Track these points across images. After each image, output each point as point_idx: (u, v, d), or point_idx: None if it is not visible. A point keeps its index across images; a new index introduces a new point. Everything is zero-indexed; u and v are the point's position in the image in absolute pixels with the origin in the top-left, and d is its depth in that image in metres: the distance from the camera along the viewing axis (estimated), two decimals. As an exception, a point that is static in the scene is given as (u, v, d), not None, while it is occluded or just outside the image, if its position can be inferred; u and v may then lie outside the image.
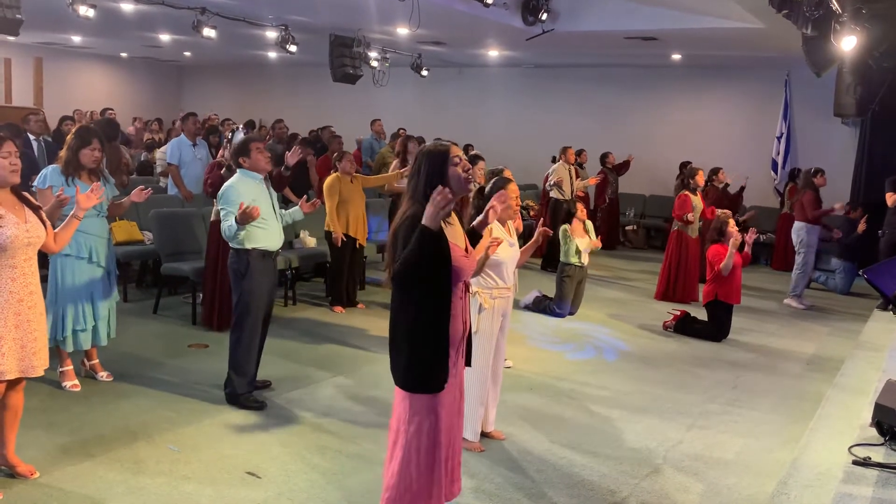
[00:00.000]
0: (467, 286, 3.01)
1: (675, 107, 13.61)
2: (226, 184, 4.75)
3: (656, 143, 13.50)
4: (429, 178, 2.86)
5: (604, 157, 12.30)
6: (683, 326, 7.26)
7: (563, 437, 4.63)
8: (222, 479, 3.82)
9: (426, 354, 2.83)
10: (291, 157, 5.54)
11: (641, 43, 10.42)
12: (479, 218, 3.80)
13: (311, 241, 7.84)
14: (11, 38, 10.68)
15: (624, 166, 12.54)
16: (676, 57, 12.04)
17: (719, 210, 7.51)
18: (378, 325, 6.86)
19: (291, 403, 4.90)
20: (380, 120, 12.80)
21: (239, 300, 4.70)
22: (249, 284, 4.66)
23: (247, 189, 4.65)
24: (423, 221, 2.64)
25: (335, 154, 7.54)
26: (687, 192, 8.60)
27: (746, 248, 7.03)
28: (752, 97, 12.94)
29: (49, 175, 4.71)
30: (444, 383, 2.86)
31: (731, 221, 7.14)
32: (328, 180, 7.24)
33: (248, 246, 4.64)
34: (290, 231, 7.65)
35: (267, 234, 4.71)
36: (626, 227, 13.13)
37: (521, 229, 4.88)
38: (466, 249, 2.99)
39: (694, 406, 5.31)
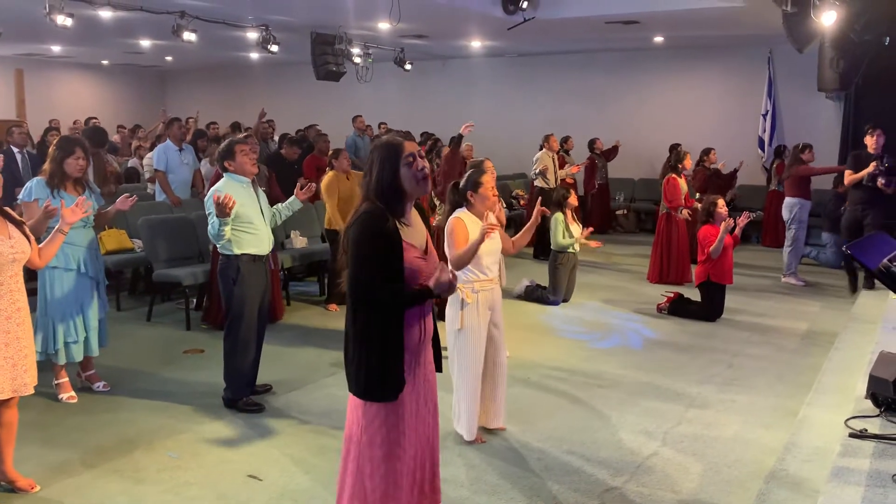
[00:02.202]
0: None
1: (660, 89, 13.61)
2: (212, 188, 4.72)
3: (643, 126, 13.50)
4: (380, 175, 2.65)
5: (592, 143, 12.30)
6: (677, 308, 7.29)
7: (562, 425, 4.64)
8: (224, 484, 3.82)
9: (376, 361, 2.65)
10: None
11: (623, 27, 10.41)
12: (476, 239, 3.79)
13: (301, 242, 7.82)
14: (-10, 51, 10.62)
15: (612, 152, 12.55)
16: (658, 40, 12.04)
17: (711, 196, 7.48)
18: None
19: (290, 405, 4.89)
20: (361, 116, 12.76)
21: (231, 306, 4.69)
22: (240, 290, 4.65)
23: (233, 193, 4.58)
24: (432, 287, 2.60)
25: (331, 152, 7.51)
26: (674, 175, 8.62)
27: (737, 231, 7.05)
28: (735, 76, 12.95)
29: (34, 188, 4.68)
30: (397, 392, 2.67)
31: (721, 202, 7.16)
32: (326, 179, 7.20)
33: (238, 251, 4.62)
34: (282, 232, 7.64)
35: (256, 239, 4.69)
36: (617, 212, 13.15)
37: (503, 221, 4.87)
38: (426, 251, 2.79)
39: (691, 387, 5.33)
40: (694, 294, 7.36)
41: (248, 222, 4.64)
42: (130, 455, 4.12)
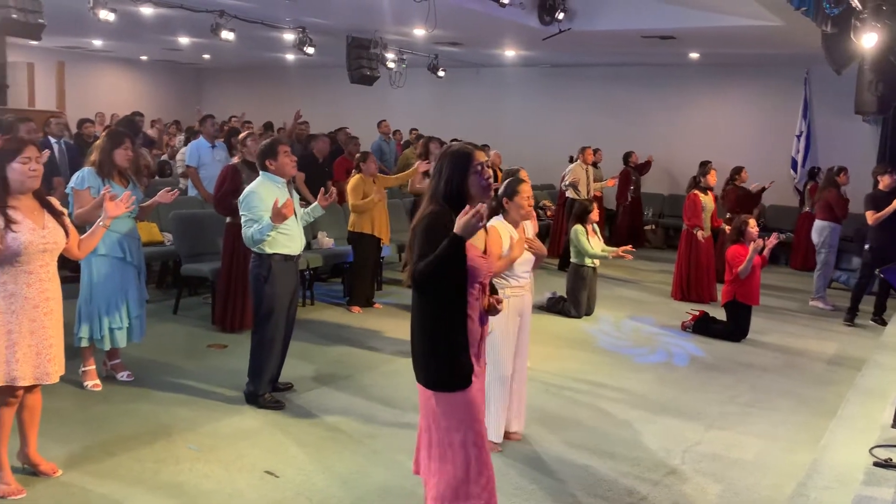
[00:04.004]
0: (484, 287, 2.97)
1: (693, 106, 13.52)
2: (247, 189, 4.72)
3: (674, 142, 13.42)
4: (449, 180, 2.84)
5: (627, 157, 12.29)
6: (702, 327, 7.22)
7: (581, 437, 4.62)
8: (241, 479, 3.85)
9: (445, 353, 2.81)
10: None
11: (658, 42, 10.37)
12: (514, 254, 3.95)
13: (328, 242, 7.88)
14: (34, 43, 10.83)
15: (646, 166, 12.53)
16: (694, 55, 11.96)
17: (743, 216, 7.39)
18: (394, 325, 6.88)
19: (309, 403, 4.92)
20: (386, 121, 12.80)
21: (261, 304, 4.72)
22: (272, 289, 4.68)
23: (269, 193, 4.62)
24: (456, 230, 2.64)
25: (358, 155, 7.56)
26: (697, 192, 8.55)
27: (765, 251, 6.95)
28: (770, 95, 12.82)
29: (86, 176, 4.78)
30: (467, 381, 2.82)
31: (752, 222, 7.08)
32: (352, 181, 7.26)
33: (270, 251, 4.64)
34: (309, 232, 7.68)
35: (289, 239, 4.72)
36: (645, 227, 13.07)
37: (536, 229, 4.89)
38: (485, 251, 2.96)
39: (713, 406, 5.28)
40: (719, 313, 7.28)
41: (283, 223, 4.66)
42: (151, 445, 4.17)
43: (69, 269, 6.09)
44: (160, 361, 5.61)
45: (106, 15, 8.51)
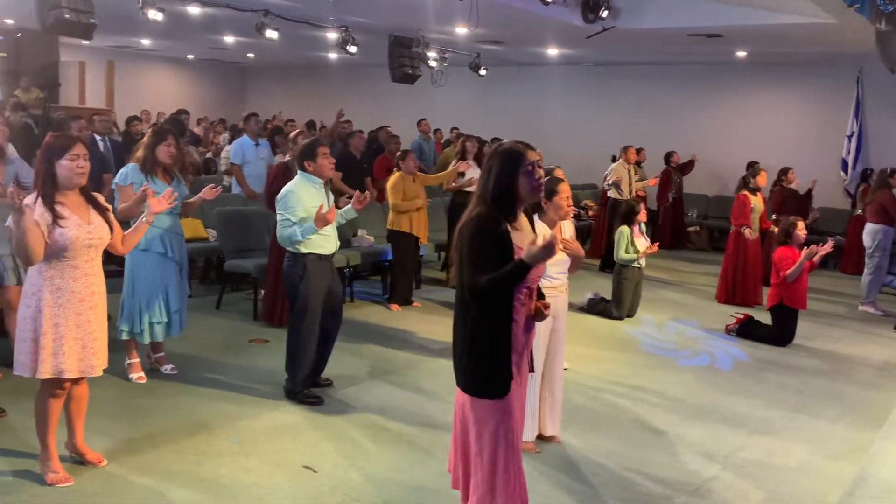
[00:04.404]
0: (531, 292, 2.88)
1: (740, 105, 13.26)
2: (284, 189, 4.76)
3: (720, 142, 13.18)
4: (498, 179, 2.76)
5: (668, 157, 12.09)
6: (746, 330, 7.07)
7: (620, 441, 4.56)
8: (280, 472, 3.89)
9: (487, 360, 2.74)
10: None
11: (705, 40, 10.19)
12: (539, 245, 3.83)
13: (368, 240, 7.92)
14: (86, 42, 11.10)
15: (688, 166, 12.31)
16: (741, 54, 11.73)
17: (790, 217, 7.21)
18: (433, 323, 6.89)
19: (348, 400, 4.96)
20: (426, 120, 12.79)
21: (296, 303, 4.77)
22: (306, 288, 4.72)
23: (307, 194, 4.67)
24: (525, 258, 2.59)
25: (398, 153, 7.59)
26: (746, 193, 8.38)
27: (816, 258, 6.72)
28: (821, 95, 12.50)
29: (130, 172, 4.87)
30: (506, 390, 2.74)
31: (801, 224, 6.92)
32: (392, 179, 7.30)
33: (305, 251, 4.69)
34: (349, 229, 7.74)
35: (325, 239, 4.75)
36: (689, 228, 12.86)
37: (574, 230, 4.84)
38: None
39: (756, 411, 5.17)
40: (765, 317, 7.13)
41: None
42: (193, 438, 4.24)
43: (116, 263, 6.23)
44: (203, 356, 5.70)
45: (155, 15, 8.68)
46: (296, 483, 3.80)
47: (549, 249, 2.55)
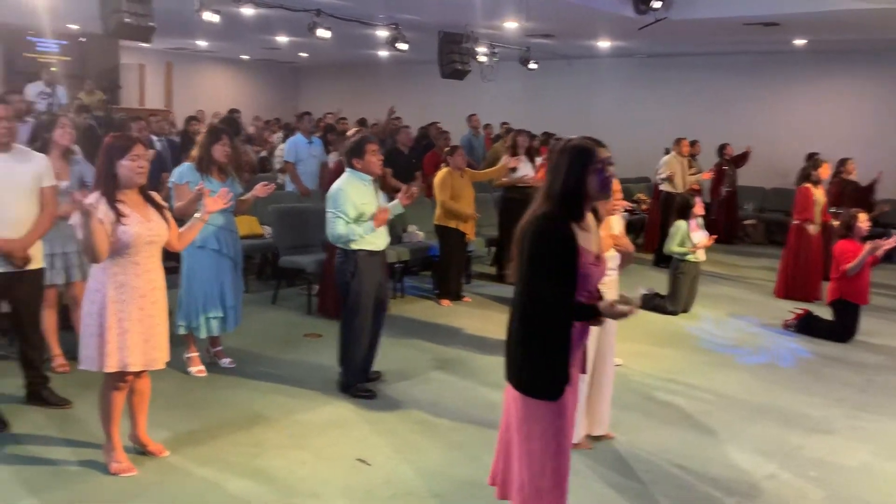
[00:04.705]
0: (592, 295, 2.80)
1: (797, 95, 12.90)
2: (334, 186, 4.82)
3: (777, 133, 12.83)
4: (567, 178, 2.65)
5: (721, 149, 11.83)
6: (806, 326, 6.89)
7: (673, 437, 4.51)
8: (334, 465, 3.96)
9: (542, 360, 2.68)
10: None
11: (762, 29, 9.93)
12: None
13: (419, 235, 7.96)
14: (145, 45, 11.42)
15: (742, 158, 12.01)
16: (800, 42, 11.39)
17: (851, 210, 6.99)
18: (483, 318, 6.90)
19: (399, 395, 5.01)
20: (476, 115, 12.75)
21: (347, 299, 4.83)
22: (358, 284, 4.78)
23: (356, 192, 4.72)
24: (602, 310, 2.63)
25: (446, 149, 7.61)
26: (808, 185, 8.15)
27: (879, 252, 6.52)
28: (885, 83, 12.06)
29: (185, 171, 5.00)
30: (560, 392, 2.68)
31: (863, 216, 6.71)
32: (439, 175, 7.32)
33: (355, 247, 4.74)
34: (399, 224, 7.80)
35: (375, 235, 4.80)
36: (745, 222, 12.56)
37: (624, 225, 4.77)
38: (597, 256, 2.76)
39: (816, 409, 5.04)
40: (825, 312, 6.94)
41: (368, 220, 4.75)
42: (250, 430, 4.34)
43: (174, 259, 6.40)
44: (259, 350, 5.82)
45: (210, 16, 8.88)
46: (349, 476, 3.86)
47: (626, 316, 2.63)
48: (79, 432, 4.17)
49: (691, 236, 7.39)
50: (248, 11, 9.88)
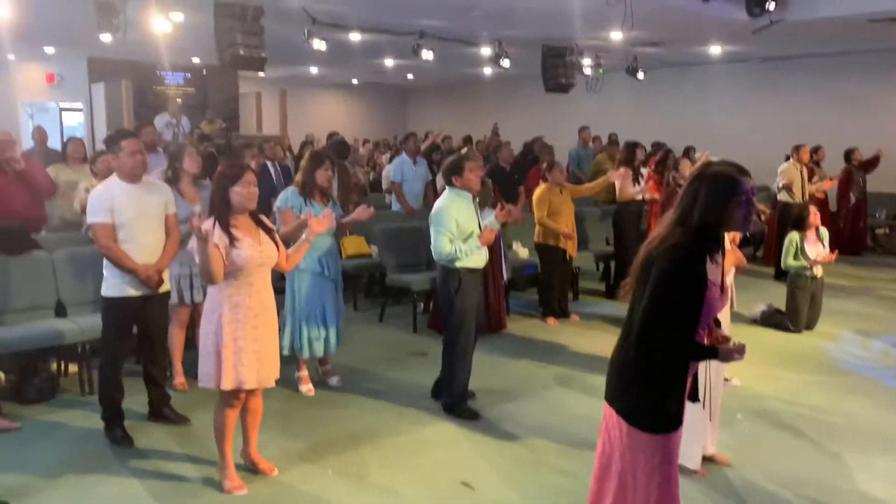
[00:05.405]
0: (710, 329, 2.68)
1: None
2: (437, 205, 4.87)
3: (909, 135, 11.95)
4: (707, 208, 2.46)
5: (849, 154, 11.11)
6: (948, 345, 6.33)
7: (795, 465, 4.22)
8: (438, 488, 3.94)
9: (657, 394, 2.54)
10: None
11: (889, 25, 9.29)
12: None
13: (523, 252, 7.89)
14: (260, 74, 11.97)
15: (873, 163, 11.22)
16: (933, 36, 10.59)
17: None
18: (590, 337, 6.73)
19: (504, 416, 4.94)
20: (588, 128, 12.52)
21: (451, 317, 4.84)
22: (462, 302, 4.78)
23: (458, 209, 4.75)
24: (720, 352, 2.57)
25: (545, 164, 7.53)
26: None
27: None
28: None
29: (289, 197, 5.18)
30: (675, 427, 2.57)
31: None
32: (537, 192, 7.25)
33: (458, 265, 4.76)
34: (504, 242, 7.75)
35: (476, 253, 4.80)
36: (877, 231, 11.73)
37: (737, 238, 4.55)
38: (722, 287, 2.58)
39: (961, 438, 4.60)
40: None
41: (469, 237, 4.76)
42: (356, 450, 4.39)
43: (283, 279, 6.63)
44: (366, 368, 5.92)
45: (318, 44, 9.21)
46: (454, 500, 3.83)
47: (738, 359, 2.60)
48: (197, 448, 4.35)
49: (807, 250, 6.96)
50: (354, 37, 10.18)
